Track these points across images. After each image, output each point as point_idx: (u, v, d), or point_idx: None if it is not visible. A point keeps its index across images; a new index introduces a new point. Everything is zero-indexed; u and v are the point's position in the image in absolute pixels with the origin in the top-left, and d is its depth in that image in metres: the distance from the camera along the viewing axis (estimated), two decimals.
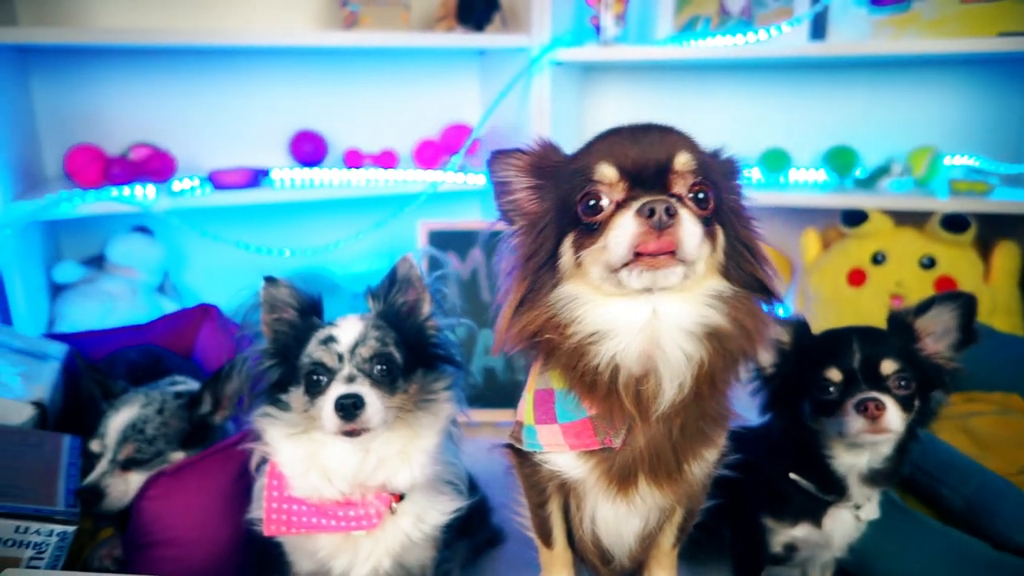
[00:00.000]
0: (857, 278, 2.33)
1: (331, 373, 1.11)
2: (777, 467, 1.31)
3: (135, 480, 1.30)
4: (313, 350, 1.13)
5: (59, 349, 1.66)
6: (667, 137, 0.90)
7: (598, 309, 0.89)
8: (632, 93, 2.81)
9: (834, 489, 1.27)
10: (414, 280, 1.21)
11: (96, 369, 1.46)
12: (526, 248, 0.95)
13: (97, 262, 2.38)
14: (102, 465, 1.30)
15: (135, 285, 2.32)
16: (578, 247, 0.89)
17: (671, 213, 0.81)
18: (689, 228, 0.83)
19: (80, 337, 1.80)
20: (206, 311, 1.96)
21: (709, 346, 0.88)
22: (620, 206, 0.86)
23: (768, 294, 0.93)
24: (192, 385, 1.48)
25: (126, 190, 2.12)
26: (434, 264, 1.24)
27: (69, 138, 2.32)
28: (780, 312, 1.10)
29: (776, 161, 2.59)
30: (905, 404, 1.18)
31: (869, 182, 2.47)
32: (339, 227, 2.47)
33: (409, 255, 1.21)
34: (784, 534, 1.32)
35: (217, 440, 1.39)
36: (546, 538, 1.13)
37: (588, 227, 0.88)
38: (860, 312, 2.25)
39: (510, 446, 1.09)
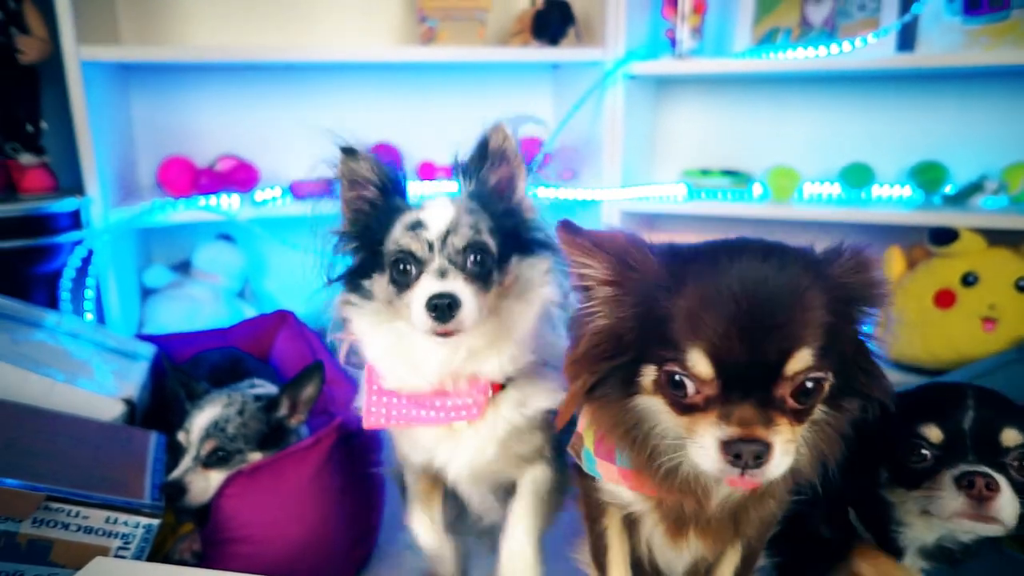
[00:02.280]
0: (945, 300, 2.22)
1: (420, 264, 1.00)
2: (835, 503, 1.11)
3: (215, 478, 1.34)
4: (399, 236, 1.02)
5: (148, 349, 1.74)
6: (785, 319, 0.72)
7: (679, 445, 0.80)
8: (708, 107, 2.76)
9: (889, 550, 1.08)
10: (508, 153, 1.07)
11: (181, 371, 1.52)
12: (604, 347, 0.81)
13: (184, 268, 2.49)
14: (185, 462, 1.36)
15: (218, 290, 2.41)
16: (658, 391, 0.78)
17: (760, 459, 0.71)
18: (780, 460, 0.72)
19: (167, 339, 1.89)
20: (283, 316, 2.03)
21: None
22: (709, 404, 0.74)
23: (870, 399, 0.84)
24: (270, 389, 1.53)
25: (212, 200, 2.22)
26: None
27: (162, 150, 2.45)
28: None
29: (858, 176, 2.49)
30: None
31: (959, 199, 2.35)
32: None
33: (502, 123, 1.08)
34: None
35: (292, 443, 1.43)
36: (599, 560, 1.04)
37: (672, 395, 0.77)
38: (949, 336, 2.14)
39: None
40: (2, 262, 1.92)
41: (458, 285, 0.98)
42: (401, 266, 1.01)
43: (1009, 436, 0.94)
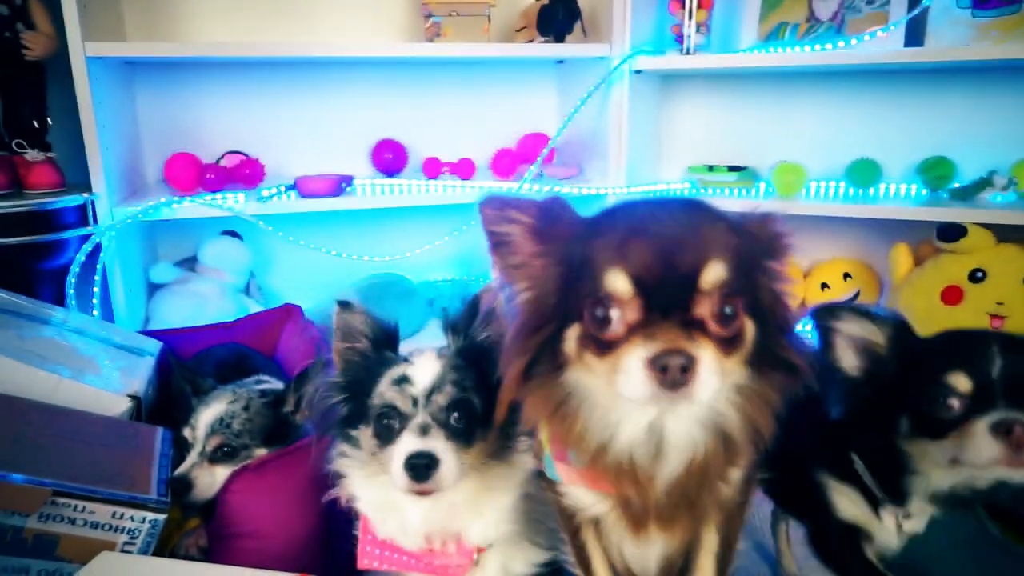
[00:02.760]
0: (953, 296, 2.20)
1: (404, 419, 1.02)
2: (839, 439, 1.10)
3: (221, 473, 1.35)
4: (385, 390, 1.04)
5: (154, 345, 1.75)
6: (695, 235, 0.75)
7: (608, 415, 0.82)
8: (714, 102, 2.75)
9: (893, 495, 1.06)
10: (499, 313, 1.08)
11: (186, 367, 1.53)
12: (530, 321, 0.84)
13: (189, 264, 2.50)
14: (191, 457, 1.36)
15: (223, 286, 2.42)
16: (582, 348, 0.79)
17: (686, 369, 0.70)
18: (706, 379, 0.71)
19: (172, 334, 1.89)
20: (289, 312, 2.03)
21: (712, 442, 0.82)
22: (632, 331, 0.74)
23: (792, 370, 0.84)
24: (276, 384, 1.53)
25: (218, 196, 2.23)
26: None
27: (168, 146, 2.45)
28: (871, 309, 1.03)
29: (865, 172, 2.48)
30: None
31: (968, 195, 2.33)
32: (417, 234, 2.51)
33: (492, 284, 1.08)
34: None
35: (297, 439, 1.43)
36: (585, 570, 1.05)
37: (595, 338, 0.77)
38: None
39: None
40: (8, 258, 1.92)
41: (439, 443, 0.99)
42: (384, 420, 1.03)
43: None
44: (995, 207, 2.25)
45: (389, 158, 2.60)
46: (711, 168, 2.64)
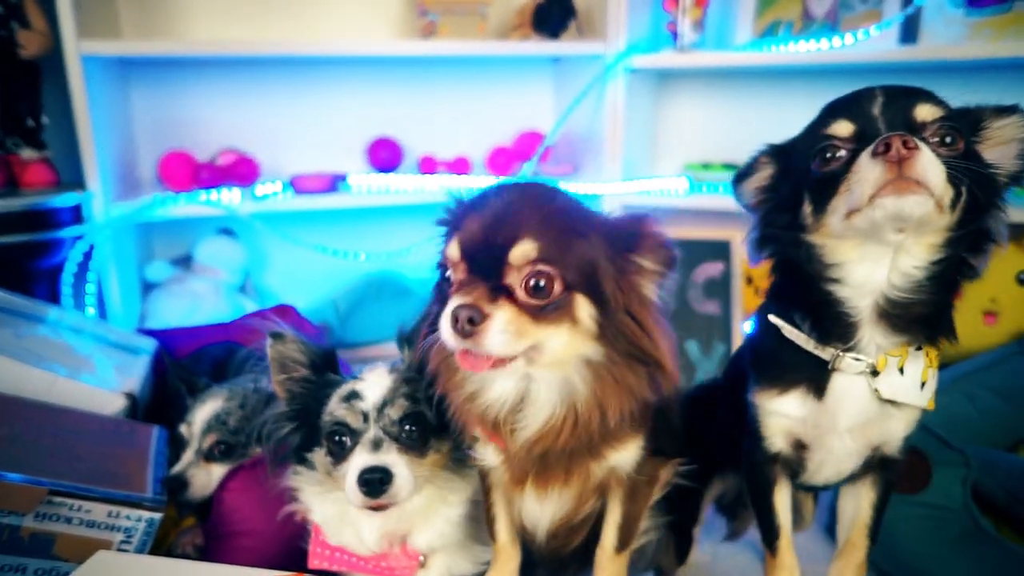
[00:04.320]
0: None
1: (355, 435, 1.04)
2: (765, 327, 1.04)
3: (217, 472, 1.35)
4: (335, 408, 1.05)
5: (149, 344, 1.75)
6: (516, 217, 0.88)
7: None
8: (709, 100, 2.75)
9: (838, 332, 0.96)
10: None
11: (181, 366, 1.53)
12: (431, 303, 1.00)
13: (185, 262, 2.50)
14: (187, 456, 1.36)
15: (219, 285, 2.42)
16: (440, 305, 0.92)
17: (474, 322, 0.83)
18: (495, 334, 0.84)
19: (168, 333, 1.89)
20: (284, 311, 2.03)
21: (562, 408, 0.94)
22: (456, 288, 0.88)
23: (656, 365, 0.93)
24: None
25: (213, 194, 2.22)
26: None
27: (163, 144, 2.45)
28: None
29: None
30: (948, 171, 0.83)
31: None
32: (413, 232, 2.51)
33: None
34: (777, 412, 1.03)
35: None
36: (491, 529, 1.14)
37: (445, 295, 0.91)
38: None
39: None
40: (4, 257, 1.92)
41: (391, 457, 1.02)
42: (336, 437, 1.05)
43: (924, 111, 0.88)
44: None
45: (385, 156, 2.60)
46: (706, 165, 2.65)
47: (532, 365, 0.90)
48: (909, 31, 2.25)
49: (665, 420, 1.10)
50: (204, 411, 1.39)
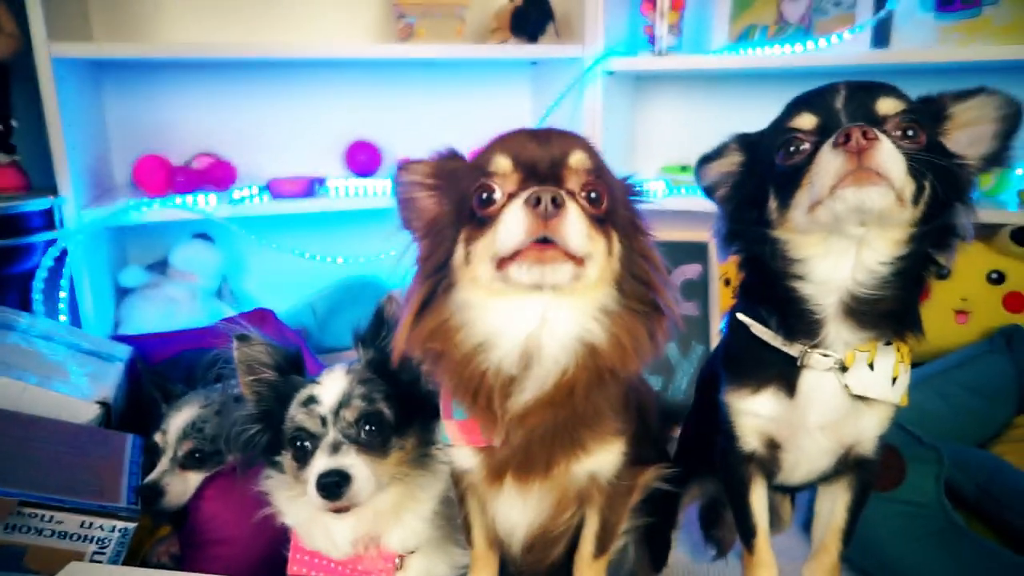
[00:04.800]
0: None
1: (315, 439, 1.04)
2: (735, 326, 1.04)
3: (193, 480, 1.33)
4: (295, 413, 1.06)
5: (123, 351, 1.72)
6: (565, 137, 0.91)
7: (488, 315, 0.88)
8: (686, 103, 2.77)
9: (804, 328, 0.96)
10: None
11: (156, 372, 1.51)
12: (424, 251, 0.96)
13: (160, 267, 2.46)
14: (163, 464, 1.34)
15: (195, 290, 2.39)
16: (469, 240, 0.88)
17: (558, 204, 0.79)
18: (575, 222, 0.81)
19: (143, 339, 1.87)
20: (262, 316, 2.01)
21: (580, 359, 0.88)
22: (512, 197, 0.84)
23: (661, 312, 0.92)
24: None
25: (189, 198, 2.20)
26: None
27: (137, 148, 2.41)
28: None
29: None
30: (911, 165, 0.84)
31: None
32: (391, 236, 2.50)
33: (395, 293, 1.13)
34: (749, 412, 1.03)
35: None
36: (467, 536, 1.13)
37: (481, 220, 0.87)
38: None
39: None
40: None
41: (350, 459, 1.02)
42: (298, 443, 1.05)
43: (885, 104, 0.89)
44: None
45: (363, 159, 2.59)
46: (684, 168, 2.66)
47: (561, 292, 0.85)
48: (881, 35, 2.29)
49: (645, 427, 1.10)
50: (179, 418, 1.38)
